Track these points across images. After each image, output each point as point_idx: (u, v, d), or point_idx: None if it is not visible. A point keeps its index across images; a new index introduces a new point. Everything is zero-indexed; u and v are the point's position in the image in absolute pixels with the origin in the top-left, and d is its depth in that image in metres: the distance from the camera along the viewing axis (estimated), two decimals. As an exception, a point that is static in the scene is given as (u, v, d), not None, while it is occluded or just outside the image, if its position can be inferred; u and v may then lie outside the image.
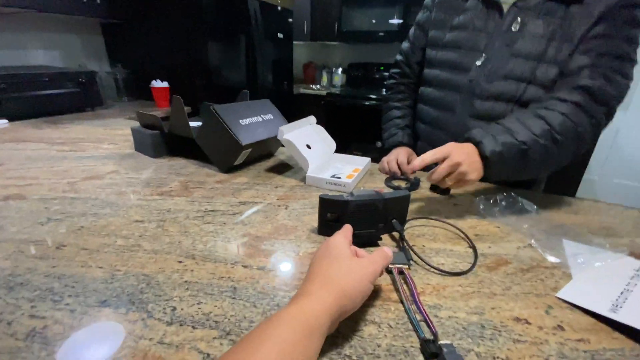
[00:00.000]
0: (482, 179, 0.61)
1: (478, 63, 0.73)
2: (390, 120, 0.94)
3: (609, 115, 0.62)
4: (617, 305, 0.38)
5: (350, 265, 0.34)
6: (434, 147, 0.85)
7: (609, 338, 0.35)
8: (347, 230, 0.42)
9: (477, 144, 0.59)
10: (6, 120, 1.15)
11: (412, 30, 0.91)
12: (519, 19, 0.67)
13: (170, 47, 1.66)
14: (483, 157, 0.58)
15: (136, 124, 0.89)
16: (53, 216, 0.55)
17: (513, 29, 0.68)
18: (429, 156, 0.58)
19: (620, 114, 2.27)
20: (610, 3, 0.59)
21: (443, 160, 0.57)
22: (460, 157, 0.56)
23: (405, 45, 0.93)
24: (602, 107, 0.60)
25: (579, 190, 2.34)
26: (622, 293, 0.40)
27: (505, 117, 0.64)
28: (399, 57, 0.96)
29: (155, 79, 1.57)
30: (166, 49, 1.67)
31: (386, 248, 0.39)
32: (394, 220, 0.51)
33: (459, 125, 0.78)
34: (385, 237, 0.53)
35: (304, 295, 0.31)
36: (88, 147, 0.92)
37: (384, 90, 1.01)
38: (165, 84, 1.58)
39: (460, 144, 0.60)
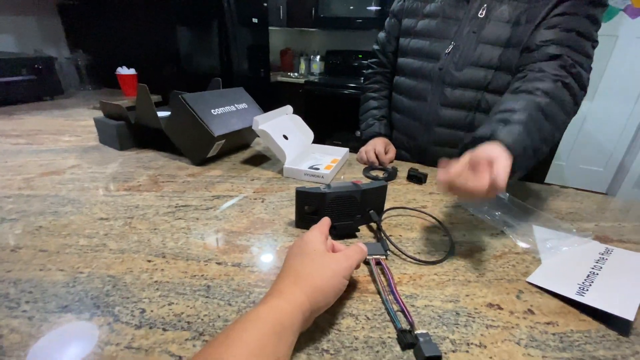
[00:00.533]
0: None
1: (447, 51, 0.73)
2: (367, 112, 0.94)
3: (583, 86, 0.60)
4: (583, 289, 0.39)
5: (324, 261, 0.34)
6: (408, 136, 0.86)
7: (576, 320, 0.37)
8: (323, 224, 0.41)
9: (497, 140, 0.47)
10: (-48, 111, 1.06)
11: (387, 20, 0.90)
12: (485, 5, 0.69)
13: (137, 31, 1.57)
14: (506, 146, 0.46)
15: (100, 114, 0.84)
16: (7, 216, 0.50)
17: (480, 15, 0.69)
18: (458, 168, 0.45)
19: (586, 103, 2.39)
20: None
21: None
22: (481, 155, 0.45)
23: (381, 35, 0.93)
24: (574, 75, 0.59)
25: (548, 175, 2.45)
26: (588, 276, 0.42)
27: (499, 110, 0.56)
28: (375, 47, 0.95)
29: (121, 66, 1.48)
30: (133, 33, 1.57)
31: (361, 243, 0.39)
32: (372, 211, 0.51)
33: (431, 113, 0.79)
34: (363, 228, 0.53)
35: (275, 294, 0.30)
36: (46, 139, 0.85)
37: (362, 79, 1.01)
38: (132, 71, 1.50)
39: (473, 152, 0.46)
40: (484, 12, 0.69)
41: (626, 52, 2.20)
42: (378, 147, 0.80)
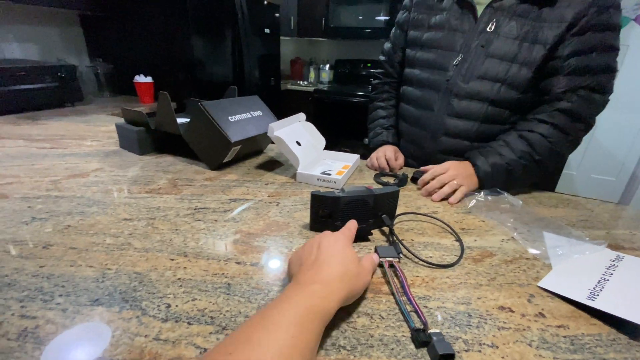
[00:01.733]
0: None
1: (455, 63, 0.75)
2: (375, 121, 0.96)
3: (588, 128, 0.68)
4: (594, 294, 0.40)
5: (353, 256, 0.38)
6: (415, 145, 0.87)
7: (587, 324, 0.37)
8: (350, 229, 0.45)
9: (474, 165, 0.70)
10: (-19, 116, 1.11)
11: (393, 30, 0.93)
12: (494, 19, 0.70)
13: (154, 41, 1.63)
14: (478, 176, 0.69)
15: (119, 119, 0.87)
16: (37, 215, 0.53)
17: (488, 30, 0.71)
18: (437, 169, 0.70)
19: (596, 111, 2.36)
20: (582, 7, 0.61)
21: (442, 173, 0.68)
22: (459, 169, 0.69)
23: (387, 45, 0.95)
24: (580, 125, 0.66)
25: (558, 184, 2.44)
26: (599, 282, 0.43)
27: (497, 139, 0.73)
28: (382, 58, 0.98)
29: (138, 74, 1.54)
30: (149, 42, 1.63)
31: (374, 255, 0.43)
32: (384, 216, 0.53)
33: (438, 123, 0.80)
34: (376, 232, 0.54)
35: (307, 282, 0.33)
36: (70, 144, 0.89)
37: (370, 89, 1.03)
38: (149, 79, 1.55)
39: (459, 162, 0.71)
40: (493, 26, 0.70)
41: (637, 61, 2.19)
42: (388, 153, 0.82)
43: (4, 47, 1.44)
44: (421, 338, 0.33)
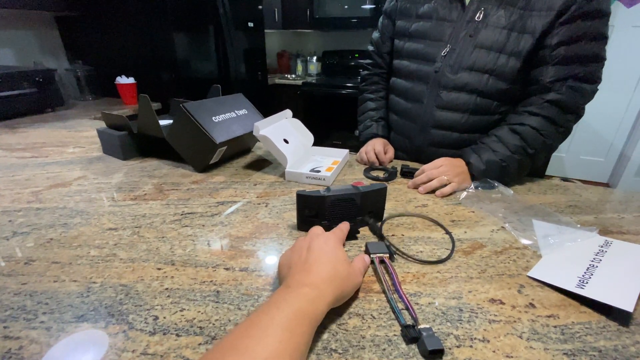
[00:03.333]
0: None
1: (443, 54, 0.74)
2: (364, 113, 0.95)
3: (577, 118, 0.68)
4: (583, 281, 0.40)
5: (344, 257, 0.38)
6: (405, 137, 0.87)
7: (577, 312, 0.38)
8: (342, 232, 0.45)
9: (467, 163, 0.69)
10: (-43, 127, 1.07)
11: (380, 20, 0.91)
12: (482, 8, 0.69)
13: (134, 40, 1.58)
14: (471, 174, 0.68)
15: (102, 124, 0.85)
16: (18, 229, 0.52)
17: (476, 19, 0.69)
18: (429, 166, 0.69)
19: (583, 93, 2.38)
20: None
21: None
22: (450, 167, 0.68)
23: (375, 35, 0.93)
24: (570, 116, 0.66)
25: (548, 167, 2.46)
26: (587, 269, 0.43)
27: (488, 134, 0.72)
28: (370, 48, 0.96)
29: (120, 75, 1.50)
30: (130, 42, 1.59)
31: (366, 256, 0.43)
32: (371, 220, 0.53)
33: (427, 116, 0.80)
34: (365, 229, 0.54)
35: (296, 284, 0.33)
36: (51, 152, 0.87)
37: (359, 80, 1.01)
38: (131, 80, 1.51)
39: (452, 159, 0.70)
40: (481, 15, 0.69)
41: (622, 41, 2.20)
42: (377, 146, 0.81)
43: (-23, 53, 1.39)
44: (411, 334, 0.33)
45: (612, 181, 2.52)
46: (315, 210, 0.50)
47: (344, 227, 0.46)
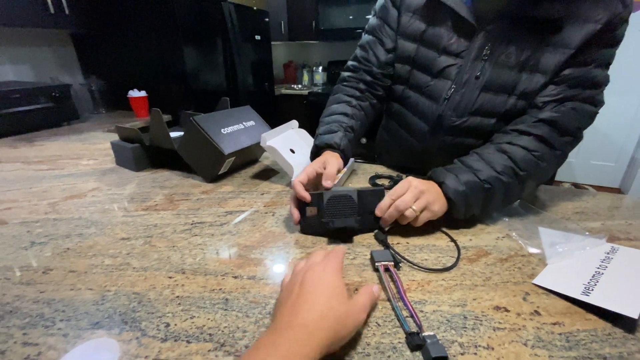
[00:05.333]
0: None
1: (445, 96, 0.67)
2: (333, 115, 0.74)
3: (575, 141, 0.59)
4: (589, 288, 0.40)
5: (348, 309, 0.33)
6: (396, 157, 0.82)
7: (582, 320, 0.38)
8: (338, 256, 0.39)
9: (440, 184, 0.56)
10: (-22, 141, 1.12)
11: (374, 22, 0.75)
12: (489, 44, 0.61)
13: (146, 55, 1.64)
14: (447, 197, 0.54)
15: (115, 136, 0.88)
16: (36, 240, 0.54)
17: (483, 57, 0.62)
18: (397, 189, 0.53)
19: (591, 98, 2.37)
20: (593, 30, 0.53)
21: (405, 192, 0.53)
22: (424, 185, 0.54)
23: (368, 38, 0.77)
24: (566, 138, 0.58)
25: (557, 173, 2.43)
26: (593, 276, 0.43)
27: (468, 154, 0.60)
28: (360, 52, 0.79)
29: (132, 89, 1.55)
30: (141, 57, 1.64)
31: (375, 288, 0.38)
32: (376, 232, 0.55)
33: (428, 153, 0.76)
34: (371, 237, 0.54)
35: (299, 328, 0.30)
36: (67, 164, 0.90)
37: (339, 79, 0.83)
38: (143, 93, 1.56)
39: (421, 181, 0.55)
40: (488, 52, 0.61)
41: (629, 46, 2.18)
42: (316, 166, 0.60)
43: (-3, 69, 1.46)
44: (415, 341, 0.33)
45: (624, 186, 2.47)
46: (316, 209, 0.53)
47: (339, 252, 0.39)
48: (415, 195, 0.52)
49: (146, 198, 0.68)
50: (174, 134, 0.79)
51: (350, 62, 0.81)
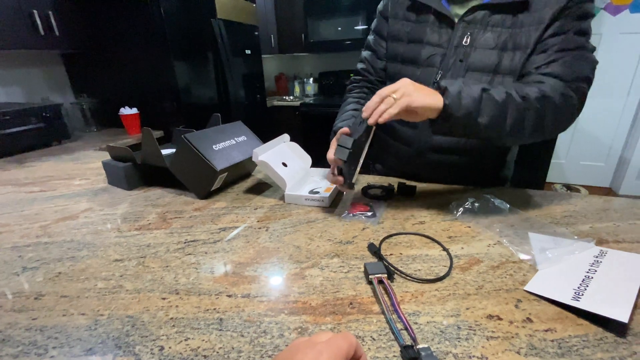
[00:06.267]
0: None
1: (434, 80, 0.73)
2: (345, 112, 0.83)
3: (582, 96, 0.62)
4: (579, 293, 0.41)
5: None
6: (400, 160, 0.85)
7: (574, 325, 0.38)
8: (342, 346, 0.27)
9: (443, 90, 0.56)
10: (-32, 164, 1.11)
11: (371, 37, 0.87)
12: (468, 33, 0.68)
13: (137, 72, 1.65)
14: (447, 97, 0.55)
15: (107, 155, 0.88)
16: (28, 264, 0.53)
17: (464, 44, 0.69)
18: (384, 91, 0.55)
19: (577, 100, 2.42)
20: (560, 5, 0.61)
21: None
22: (407, 83, 0.56)
23: (366, 53, 0.89)
24: (576, 84, 0.61)
25: (548, 174, 2.46)
26: (583, 280, 0.44)
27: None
28: (360, 66, 0.91)
29: (123, 106, 1.55)
30: (132, 74, 1.65)
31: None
32: (370, 243, 0.56)
33: (422, 140, 0.79)
34: (365, 250, 0.55)
35: None
36: (58, 185, 0.89)
37: (346, 91, 0.94)
38: (134, 110, 1.56)
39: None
40: (468, 39, 0.68)
41: (611, 48, 2.25)
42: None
43: (-13, 92, 1.45)
44: (410, 355, 0.34)
45: (614, 185, 2.51)
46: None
47: (345, 342, 0.27)
48: (399, 87, 0.55)
49: (139, 217, 0.68)
50: (165, 152, 0.79)
51: (353, 77, 0.95)
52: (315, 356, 0.26)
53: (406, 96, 0.54)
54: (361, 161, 0.65)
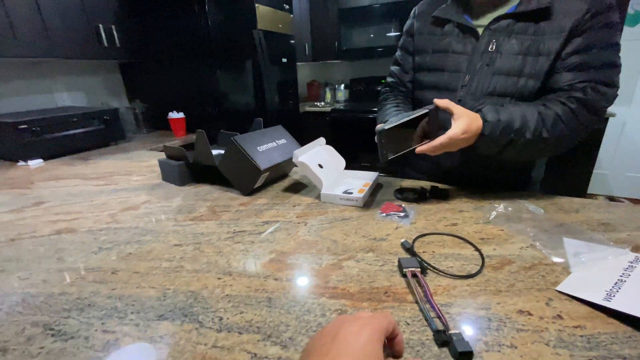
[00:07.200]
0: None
1: (462, 83, 0.78)
2: (385, 112, 0.90)
3: (598, 121, 0.68)
4: (610, 295, 0.42)
5: None
6: (430, 161, 0.88)
7: (604, 324, 0.40)
8: (382, 323, 0.31)
9: (484, 122, 0.67)
10: (41, 160, 1.27)
11: (398, 53, 0.95)
12: (493, 40, 0.73)
13: (183, 80, 1.79)
14: (481, 134, 0.67)
15: (158, 154, 0.98)
16: (103, 245, 0.62)
17: (490, 50, 0.73)
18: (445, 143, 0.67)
19: (624, 108, 2.30)
20: (579, 15, 0.64)
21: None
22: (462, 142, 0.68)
23: (394, 68, 0.97)
24: (593, 117, 0.67)
25: (590, 186, 2.34)
26: (615, 283, 0.45)
27: (517, 103, 0.72)
28: (390, 79, 0.98)
29: (171, 111, 1.69)
30: (180, 81, 1.79)
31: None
32: (404, 240, 0.59)
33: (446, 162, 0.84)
34: (398, 247, 0.58)
35: None
36: (119, 180, 1.00)
37: (380, 99, 1.01)
38: (181, 115, 1.69)
39: (471, 122, 0.66)
40: (494, 46, 0.73)
41: (664, 54, 2.11)
42: None
43: (57, 96, 1.64)
44: (442, 338, 0.37)
45: (666, 200, 2.34)
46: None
47: (385, 319, 0.31)
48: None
49: (192, 209, 0.76)
50: (214, 152, 0.87)
51: (383, 89, 1.02)
52: (359, 328, 0.30)
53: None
54: (405, 151, 0.71)
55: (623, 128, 2.33)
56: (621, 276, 0.46)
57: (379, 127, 0.69)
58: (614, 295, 0.42)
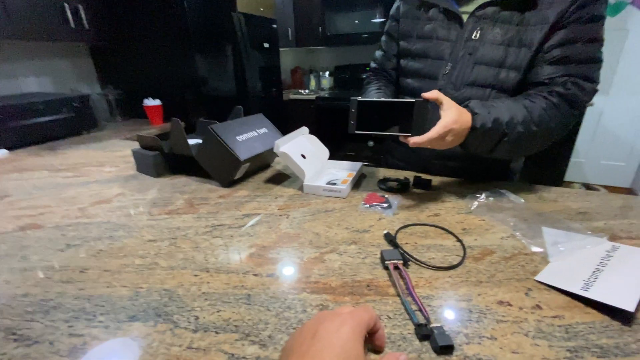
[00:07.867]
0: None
1: (444, 72, 0.77)
2: (368, 92, 0.89)
3: (580, 115, 0.69)
4: (588, 284, 0.43)
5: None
6: (409, 150, 0.87)
7: (581, 313, 0.40)
8: (363, 318, 0.31)
9: (473, 115, 0.64)
10: (6, 150, 1.18)
11: (383, 39, 0.93)
12: (478, 27, 0.72)
13: (160, 65, 1.70)
14: (472, 128, 0.63)
15: (132, 143, 0.93)
16: (71, 242, 0.58)
17: (473, 38, 0.72)
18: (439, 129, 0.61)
19: (602, 97, 2.37)
20: (565, 6, 0.63)
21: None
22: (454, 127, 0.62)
23: (378, 53, 0.95)
24: (574, 111, 0.67)
25: (567, 173, 2.42)
26: (593, 272, 0.45)
27: (500, 99, 0.69)
28: (373, 65, 0.97)
29: (147, 97, 1.61)
30: (156, 66, 1.71)
31: (402, 356, 0.32)
32: (386, 232, 0.57)
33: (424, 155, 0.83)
34: (380, 238, 0.57)
35: None
36: (90, 171, 0.95)
37: (364, 84, 0.98)
38: (157, 102, 1.62)
39: (461, 112, 0.62)
40: (478, 34, 0.72)
41: (638, 44, 2.17)
42: None
43: (21, 81, 1.53)
44: (423, 332, 0.36)
45: (636, 186, 2.45)
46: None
47: (366, 314, 0.32)
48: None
49: (168, 202, 0.72)
50: (191, 142, 0.83)
51: (367, 75, 0.99)
52: (340, 324, 0.29)
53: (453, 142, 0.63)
54: (377, 133, 0.67)
55: (600, 117, 2.41)
56: (598, 265, 0.47)
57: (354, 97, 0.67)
58: (592, 285, 0.43)
